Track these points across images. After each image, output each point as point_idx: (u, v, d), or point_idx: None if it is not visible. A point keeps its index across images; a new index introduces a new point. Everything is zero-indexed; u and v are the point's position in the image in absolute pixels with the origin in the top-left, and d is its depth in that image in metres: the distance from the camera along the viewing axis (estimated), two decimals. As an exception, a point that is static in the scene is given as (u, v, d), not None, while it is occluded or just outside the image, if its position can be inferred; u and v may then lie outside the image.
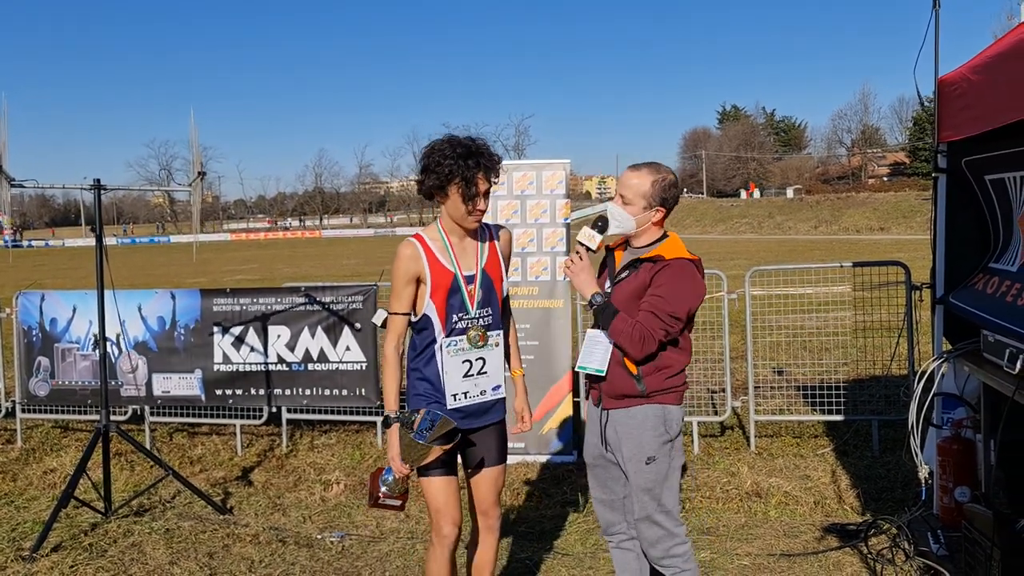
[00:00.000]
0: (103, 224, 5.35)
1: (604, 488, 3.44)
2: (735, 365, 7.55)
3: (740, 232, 58.32)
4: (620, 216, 3.24)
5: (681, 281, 3.12)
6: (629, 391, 3.20)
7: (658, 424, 3.19)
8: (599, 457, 3.40)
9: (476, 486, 3.39)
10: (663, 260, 3.15)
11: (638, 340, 3.08)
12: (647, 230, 3.27)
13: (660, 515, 3.21)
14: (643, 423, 3.19)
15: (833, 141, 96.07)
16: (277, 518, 5.39)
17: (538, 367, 6.17)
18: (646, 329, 3.07)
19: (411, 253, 3.16)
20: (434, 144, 3.15)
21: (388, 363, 3.24)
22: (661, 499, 3.21)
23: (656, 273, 3.13)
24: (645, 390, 3.17)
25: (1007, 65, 3.39)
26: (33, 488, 6.14)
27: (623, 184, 3.26)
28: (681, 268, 3.14)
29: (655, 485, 3.20)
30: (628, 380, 3.19)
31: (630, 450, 3.21)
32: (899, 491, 5.21)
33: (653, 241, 3.27)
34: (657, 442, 3.19)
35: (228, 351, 6.73)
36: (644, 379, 3.17)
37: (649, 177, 3.21)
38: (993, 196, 4.13)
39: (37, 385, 7.11)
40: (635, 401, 3.20)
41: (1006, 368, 3.43)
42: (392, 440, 3.17)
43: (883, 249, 31.65)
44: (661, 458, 3.20)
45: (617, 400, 3.23)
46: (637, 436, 3.20)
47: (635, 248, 3.31)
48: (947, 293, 4.43)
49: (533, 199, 6.27)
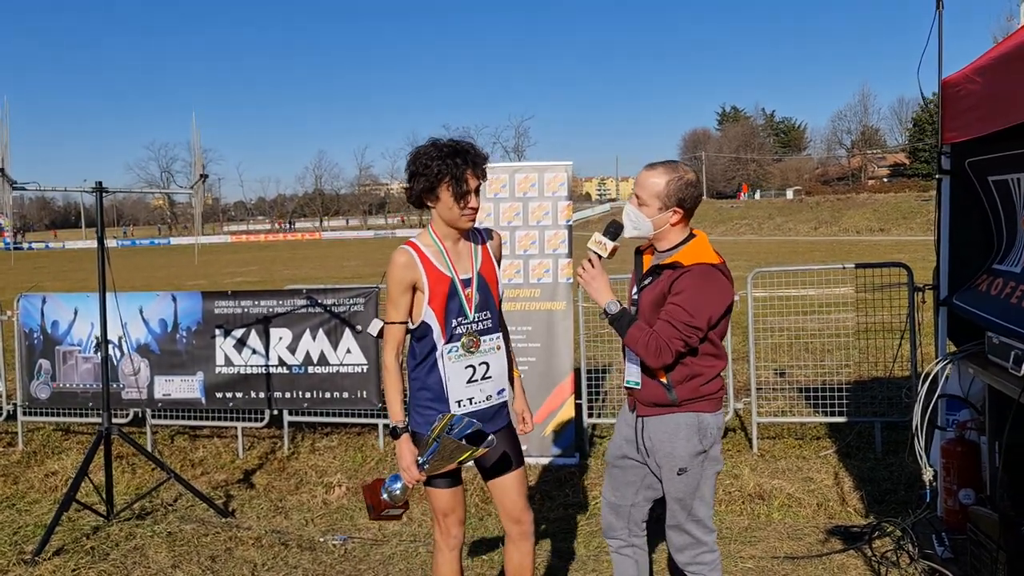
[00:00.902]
0: (104, 226, 5.35)
1: (616, 491, 3.39)
2: (737, 367, 7.55)
3: (740, 233, 58.30)
4: (636, 217, 3.12)
5: (700, 289, 2.97)
6: (660, 400, 3.11)
7: (691, 434, 3.09)
8: (620, 459, 3.34)
9: (502, 494, 3.31)
10: (681, 267, 3.01)
11: (654, 350, 2.97)
12: (668, 232, 3.12)
13: (690, 524, 3.16)
14: (675, 432, 3.11)
15: (833, 142, 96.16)
16: (279, 521, 5.38)
17: (540, 369, 6.16)
18: (662, 339, 2.96)
19: (406, 260, 3.10)
20: (418, 149, 3.11)
21: (390, 373, 3.18)
22: (692, 509, 3.15)
23: (675, 280, 3.00)
24: (676, 399, 3.08)
25: (1012, 66, 3.39)
26: (35, 491, 6.13)
27: (639, 184, 3.13)
28: (701, 274, 2.99)
29: (686, 496, 3.14)
30: (659, 389, 3.10)
31: (662, 459, 3.14)
32: (902, 493, 5.20)
33: (676, 244, 3.12)
34: (689, 453, 3.10)
35: (230, 353, 6.72)
36: (675, 388, 3.07)
37: (664, 176, 3.06)
38: (997, 197, 4.12)
39: (38, 388, 7.10)
40: (667, 410, 3.11)
41: (1011, 370, 3.42)
42: (403, 451, 3.10)
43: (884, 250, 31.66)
44: (693, 469, 3.12)
45: (650, 408, 3.15)
46: (669, 446, 3.12)
47: (659, 252, 3.18)
48: (951, 294, 4.42)
49: (535, 201, 6.26)
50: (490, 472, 3.31)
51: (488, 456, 3.21)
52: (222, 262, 43.48)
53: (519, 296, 6.23)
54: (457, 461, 3.03)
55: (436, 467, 3.05)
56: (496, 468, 3.29)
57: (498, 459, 3.28)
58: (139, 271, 35.68)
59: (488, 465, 3.29)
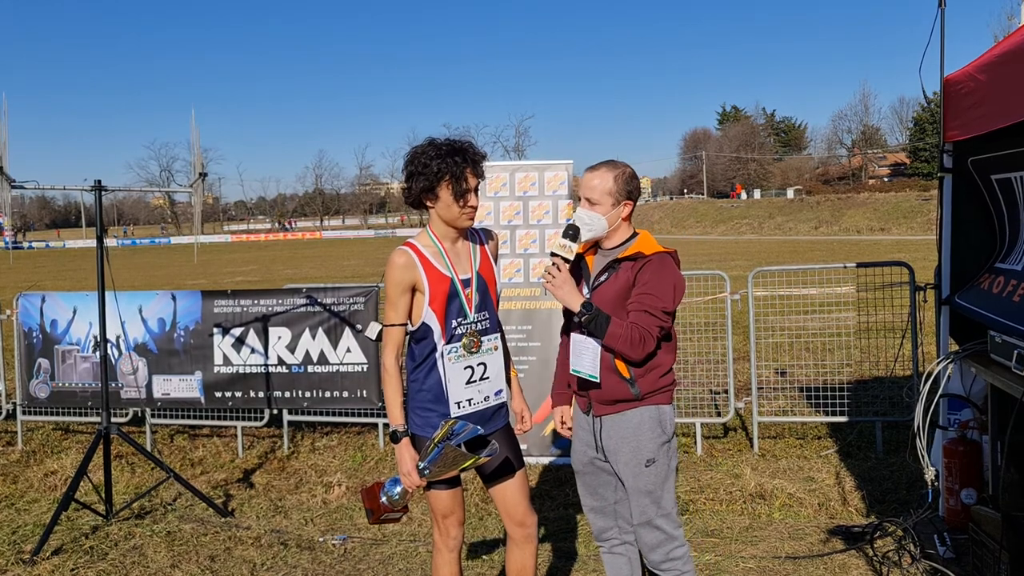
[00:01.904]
0: (104, 226, 5.33)
1: (594, 495, 3.40)
2: (737, 366, 7.53)
3: (741, 233, 58.28)
4: (590, 218, 3.17)
5: (665, 275, 3.08)
6: (622, 396, 3.15)
7: (654, 425, 3.16)
8: (588, 464, 3.35)
9: (503, 497, 3.26)
10: (643, 256, 3.10)
11: (638, 341, 3.02)
12: (618, 228, 3.21)
13: (660, 519, 3.18)
14: (639, 426, 3.15)
15: (833, 141, 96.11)
16: (279, 520, 5.36)
17: (541, 369, 6.14)
18: (643, 329, 3.03)
19: (405, 261, 3.07)
20: (416, 149, 3.09)
21: (389, 376, 3.13)
22: (661, 501, 3.17)
23: (639, 270, 3.08)
24: (639, 393, 3.13)
25: (1014, 64, 3.37)
26: (34, 491, 6.12)
27: (585, 187, 3.20)
28: (662, 262, 3.10)
29: (656, 487, 3.16)
30: (621, 385, 3.14)
31: (628, 454, 3.16)
32: (903, 493, 5.18)
33: (625, 240, 3.22)
34: (655, 443, 3.16)
35: (229, 353, 6.70)
36: (637, 382, 3.12)
37: (610, 173, 3.17)
38: (1000, 195, 4.10)
39: (38, 387, 7.09)
40: (629, 405, 3.16)
41: (1015, 369, 3.40)
42: (403, 455, 3.07)
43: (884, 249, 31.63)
44: (660, 459, 3.17)
45: (609, 406, 3.18)
46: (634, 440, 3.15)
47: (608, 249, 3.24)
48: (953, 293, 4.40)
49: (536, 200, 6.24)
50: (491, 477, 3.27)
51: (488, 461, 3.16)
52: (222, 261, 43.48)
53: (519, 295, 6.22)
54: (459, 468, 3.01)
55: (437, 473, 3.02)
56: (497, 472, 3.25)
57: (498, 463, 3.24)
58: (139, 270, 35.69)
59: (488, 470, 3.25)
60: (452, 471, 3.03)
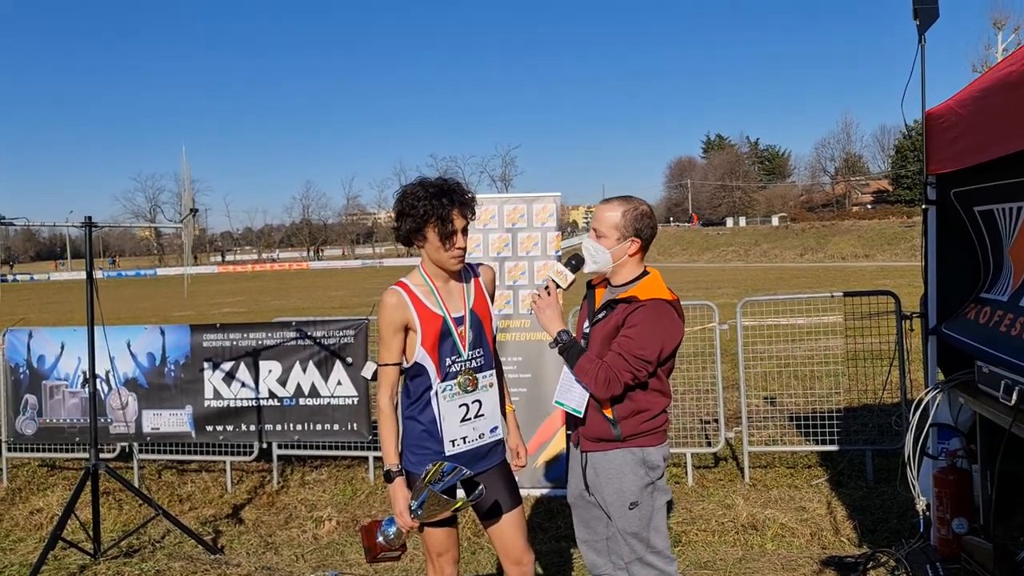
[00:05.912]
0: (92, 261, 5.32)
1: (587, 528, 3.38)
2: (727, 395, 7.54)
3: (727, 260, 58.61)
4: (595, 251, 3.17)
5: (653, 323, 3.02)
6: (604, 435, 3.13)
7: (637, 467, 3.12)
8: (579, 497, 3.34)
9: (500, 535, 3.22)
10: (637, 301, 3.06)
11: (603, 382, 3.01)
12: (625, 265, 3.19)
13: (651, 555, 3.16)
14: (622, 468, 3.12)
15: (817, 169, 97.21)
16: (269, 557, 5.31)
17: (531, 400, 6.14)
18: (611, 371, 3.00)
19: (396, 301, 3.08)
20: (406, 188, 3.10)
21: (385, 416, 3.12)
22: (649, 541, 3.15)
23: (629, 314, 3.05)
24: (621, 435, 3.10)
25: (994, 99, 3.44)
26: (19, 529, 6.04)
27: (596, 219, 3.21)
28: (655, 309, 3.05)
29: (640, 529, 3.14)
30: (603, 424, 3.12)
31: (612, 495, 3.14)
32: (895, 522, 5.19)
33: (632, 280, 3.19)
34: (638, 487, 3.12)
35: (219, 387, 6.67)
36: (619, 423, 3.10)
37: (620, 208, 3.15)
38: (983, 227, 4.17)
39: (24, 423, 7.02)
40: (611, 445, 3.13)
41: (1002, 400, 3.43)
42: (397, 495, 3.06)
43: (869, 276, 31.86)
44: (644, 502, 3.13)
45: (594, 443, 3.17)
46: (617, 482, 3.13)
47: (614, 287, 3.23)
48: (940, 323, 4.44)
49: (524, 232, 6.28)
50: (487, 515, 3.24)
51: (483, 499, 3.14)
52: (209, 292, 43.27)
53: (509, 327, 6.23)
54: (451, 509, 2.99)
55: (429, 515, 3.00)
56: (493, 510, 3.22)
57: (494, 502, 3.21)
58: (125, 303, 35.47)
59: (485, 508, 3.22)
60: (444, 512, 3.00)
